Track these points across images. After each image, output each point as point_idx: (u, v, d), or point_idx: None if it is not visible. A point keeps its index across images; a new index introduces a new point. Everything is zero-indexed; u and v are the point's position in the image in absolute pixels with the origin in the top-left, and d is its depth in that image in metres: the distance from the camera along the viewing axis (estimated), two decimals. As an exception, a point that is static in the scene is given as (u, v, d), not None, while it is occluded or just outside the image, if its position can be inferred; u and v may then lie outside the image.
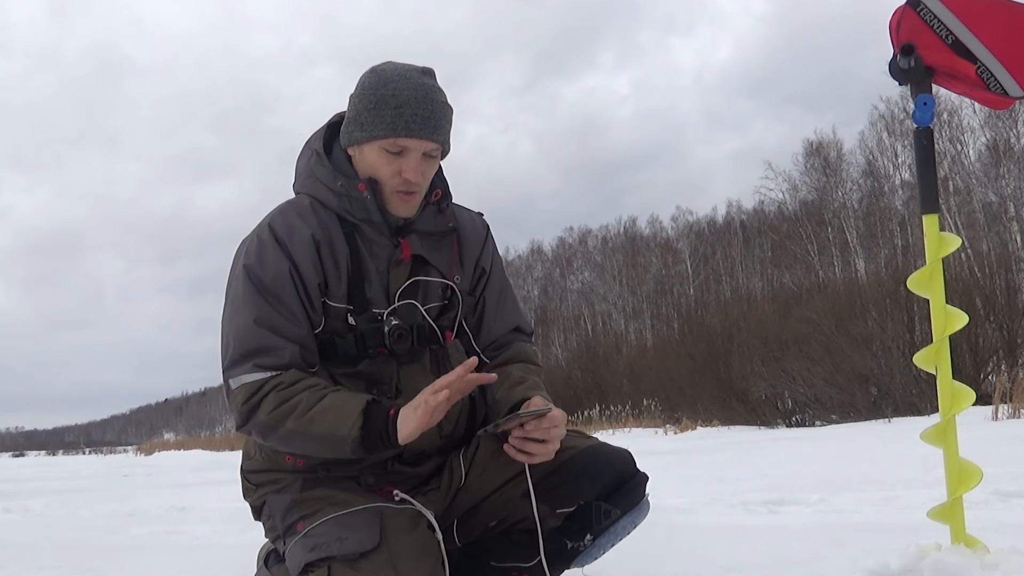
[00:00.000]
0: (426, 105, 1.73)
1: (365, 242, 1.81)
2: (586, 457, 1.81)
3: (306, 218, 1.80)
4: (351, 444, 1.63)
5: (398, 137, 1.73)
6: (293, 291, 1.75)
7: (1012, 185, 27.00)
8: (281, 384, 1.69)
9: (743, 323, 23.93)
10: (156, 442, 40.44)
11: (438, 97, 1.77)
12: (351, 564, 1.60)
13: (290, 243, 1.77)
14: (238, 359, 1.73)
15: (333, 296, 1.78)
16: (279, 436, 1.70)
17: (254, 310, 1.73)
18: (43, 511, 6.32)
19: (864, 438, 9.79)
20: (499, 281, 2.00)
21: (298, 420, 1.66)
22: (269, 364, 1.71)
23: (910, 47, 2.11)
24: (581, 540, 1.83)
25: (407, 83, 1.74)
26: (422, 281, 1.85)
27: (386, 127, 1.73)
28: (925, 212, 2.18)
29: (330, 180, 1.80)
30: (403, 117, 1.72)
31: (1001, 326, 17.37)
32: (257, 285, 1.75)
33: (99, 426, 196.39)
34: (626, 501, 1.82)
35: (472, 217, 2.00)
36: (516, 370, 1.89)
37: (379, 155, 1.76)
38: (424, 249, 1.85)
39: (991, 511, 3.42)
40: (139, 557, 3.67)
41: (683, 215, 41.29)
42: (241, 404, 1.71)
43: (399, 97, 1.73)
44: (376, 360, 1.79)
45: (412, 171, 1.74)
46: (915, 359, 2.18)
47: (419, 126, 1.73)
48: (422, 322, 1.83)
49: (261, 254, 1.77)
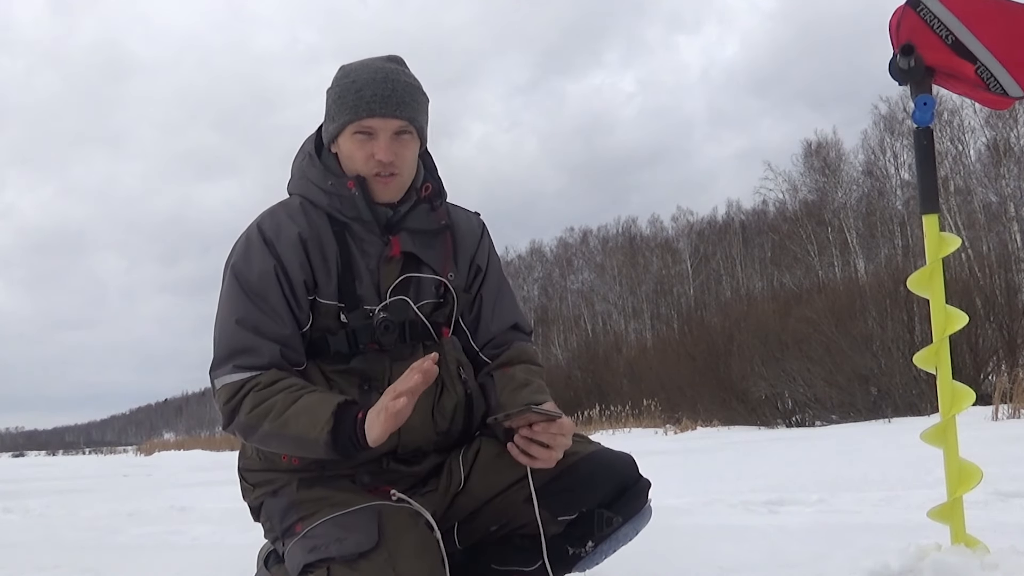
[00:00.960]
0: (386, 84, 1.78)
1: (355, 240, 1.82)
2: (589, 464, 1.80)
3: (295, 218, 1.82)
4: (322, 446, 1.65)
5: (361, 119, 1.77)
6: (278, 290, 1.77)
7: (1012, 185, 27.02)
8: (259, 385, 1.71)
9: (743, 323, 23.91)
10: (156, 442, 40.41)
11: (400, 78, 1.81)
12: (350, 565, 1.60)
13: (277, 242, 1.79)
14: (221, 359, 1.76)
15: (323, 294, 1.80)
16: (258, 437, 1.73)
17: (237, 310, 1.77)
18: (43, 511, 6.31)
19: (864, 438, 9.78)
20: (496, 279, 2.01)
21: (273, 422, 1.68)
22: (249, 364, 1.73)
23: (910, 47, 2.11)
24: (583, 546, 1.82)
25: (367, 69, 1.80)
26: (414, 278, 1.85)
27: (349, 111, 1.78)
28: (925, 212, 2.18)
29: (320, 179, 1.83)
30: (364, 99, 1.77)
31: (1001, 326, 17.36)
32: (243, 284, 1.78)
33: (99, 426, 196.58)
34: (628, 508, 1.82)
35: (468, 216, 2.01)
36: (520, 372, 1.89)
37: (351, 142, 1.79)
38: (416, 246, 1.85)
39: (991, 511, 3.42)
40: (139, 557, 3.67)
41: (684, 215, 41.38)
42: (223, 404, 1.74)
43: (359, 82, 1.78)
44: (368, 357, 1.80)
45: (383, 151, 1.77)
46: (915, 359, 2.18)
47: (380, 104, 1.76)
48: (414, 318, 1.83)
49: (248, 254, 1.80)
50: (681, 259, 40.36)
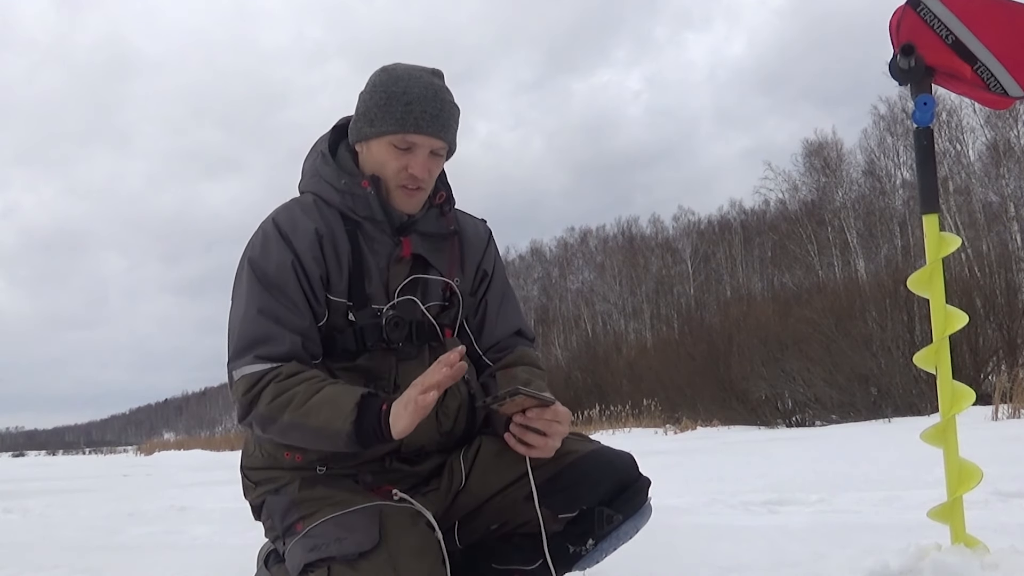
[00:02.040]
0: (436, 103, 1.78)
1: (367, 239, 1.83)
2: (589, 462, 1.81)
3: (310, 213, 1.83)
4: (345, 438, 1.65)
5: (407, 133, 1.77)
6: (296, 283, 1.77)
7: (1012, 185, 27.01)
8: (280, 375, 1.71)
9: (743, 323, 23.93)
10: (156, 442, 40.39)
11: (447, 97, 1.81)
12: (351, 564, 1.60)
13: (294, 236, 1.80)
14: (241, 350, 1.75)
15: (335, 291, 1.81)
16: (278, 428, 1.71)
17: (257, 301, 1.77)
18: (43, 511, 6.31)
19: (864, 438, 9.79)
20: (501, 285, 2.03)
21: (295, 412, 1.67)
22: (269, 354, 1.73)
23: (910, 47, 2.11)
24: (583, 544, 1.83)
25: (418, 82, 1.79)
26: (422, 279, 1.87)
27: (396, 122, 1.77)
28: (925, 212, 2.18)
29: (334, 178, 1.84)
30: (413, 113, 1.76)
31: (1001, 326, 17.38)
32: (261, 277, 1.78)
33: (99, 426, 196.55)
34: (629, 506, 1.82)
35: (475, 223, 2.03)
36: (521, 372, 1.91)
37: (387, 150, 1.79)
38: (425, 249, 1.87)
39: (991, 511, 3.42)
40: (139, 557, 3.68)
41: (684, 214, 41.38)
42: (242, 395, 1.73)
43: (410, 94, 1.77)
44: (374, 355, 1.81)
45: (419, 167, 1.78)
46: (915, 359, 2.18)
47: (428, 123, 1.77)
48: (421, 318, 1.85)
49: (265, 247, 1.81)
50: (681, 259, 40.36)
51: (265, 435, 1.79)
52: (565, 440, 1.78)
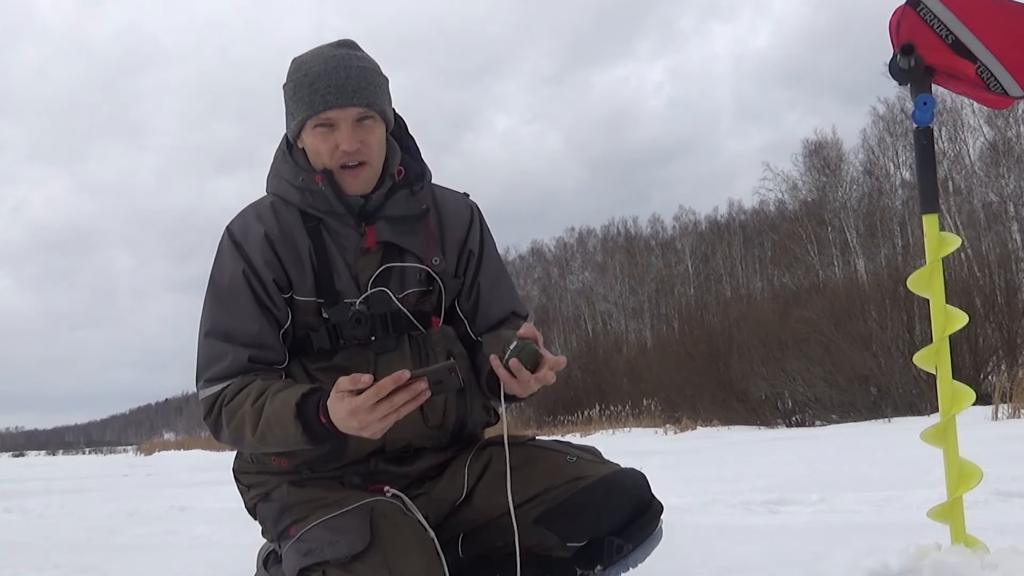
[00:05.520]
0: (339, 73, 1.74)
1: (331, 234, 1.80)
2: (602, 489, 1.75)
3: (263, 217, 1.82)
4: (307, 446, 1.66)
5: (319, 112, 1.74)
6: (248, 291, 1.77)
7: (1012, 185, 26.99)
8: (225, 398, 1.73)
9: (743, 323, 23.95)
10: (156, 442, 40.35)
11: (353, 63, 1.77)
12: (345, 567, 1.59)
13: (245, 243, 1.79)
14: (197, 375, 1.80)
15: (300, 291, 1.79)
16: (248, 447, 1.77)
17: (207, 322, 1.80)
18: (43, 511, 6.32)
19: (864, 438, 9.79)
20: (494, 265, 1.96)
21: (252, 436, 1.69)
22: (215, 375, 1.75)
23: (910, 47, 2.10)
24: (591, 569, 1.79)
25: (318, 59, 1.77)
26: (396, 267, 1.82)
27: (307, 106, 1.75)
28: (925, 212, 2.18)
29: (292, 176, 1.82)
30: (319, 92, 1.74)
31: (1001, 326, 17.38)
32: (215, 291, 1.81)
33: (99, 426, 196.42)
34: (640, 535, 1.78)
35: (455, 197, 1.96)
36: (508, 333, 1.82)
37: (314, 136, 1.77)
38: (394, 235, 1.82)
39: (991, 511, 3.42)
40: (139, 557, 3.68)
41: (685, 214, 41.38)
42: (204, 418, 1.77)
43: (311, 74, 1.75)
44: (351, 352, 1.78)
45: (347, 140, 1.74)
46: (915, 359, 2.18)
47: (335, 95, 1.73)
48: (396, 309, 1.80)
49: (220, 258, 1.83)
50: (682, 259, 40.36)
51: (244, 451, 1.82)
52: (579, 462, 1.77)
